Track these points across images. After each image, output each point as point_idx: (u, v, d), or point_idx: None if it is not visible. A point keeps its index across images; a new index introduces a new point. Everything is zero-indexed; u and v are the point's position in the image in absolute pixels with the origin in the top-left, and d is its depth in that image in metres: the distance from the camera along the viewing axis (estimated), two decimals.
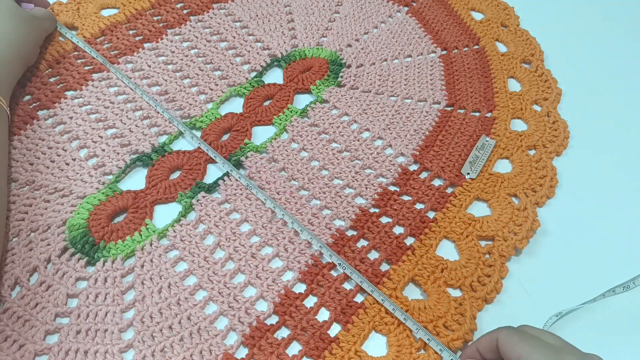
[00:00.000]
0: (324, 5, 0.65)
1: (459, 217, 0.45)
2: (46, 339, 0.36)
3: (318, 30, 0.62)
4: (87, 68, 0.54)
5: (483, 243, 0.44)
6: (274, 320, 0.38)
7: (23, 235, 0.41)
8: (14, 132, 0.48)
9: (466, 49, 0.61)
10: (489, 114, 0.54)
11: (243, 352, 0.37)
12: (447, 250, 0.43)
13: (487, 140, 0.51)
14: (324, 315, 0.39)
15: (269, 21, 0.62)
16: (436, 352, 0.37)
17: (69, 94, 0.52)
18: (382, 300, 0.39)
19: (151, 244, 0.42)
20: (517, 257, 0.43)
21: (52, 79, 0.53)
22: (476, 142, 0.51)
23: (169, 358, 0.36)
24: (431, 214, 0.45)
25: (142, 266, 0.40)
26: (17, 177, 0.45)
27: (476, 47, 0.61)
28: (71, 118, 0.49)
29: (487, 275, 0.41)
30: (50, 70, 0.53)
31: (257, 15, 0.62)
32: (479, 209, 0.46)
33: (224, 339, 0.37)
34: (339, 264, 0.41)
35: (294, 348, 0.37)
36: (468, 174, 0.48)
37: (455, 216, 0.45)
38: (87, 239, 0.41)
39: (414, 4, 0.67)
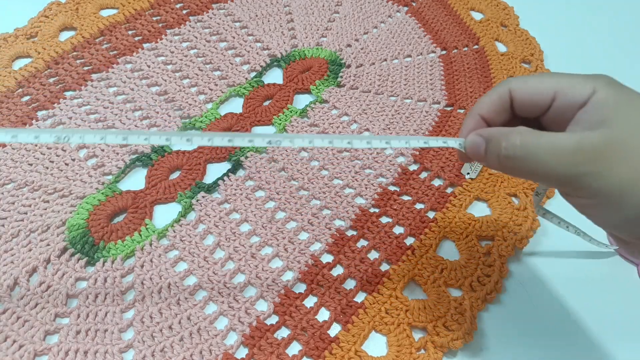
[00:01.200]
0: (323, 5, 0.65)
1: (459, 217, 0.45)
2: (46, 339, 0.36)
3: (318, 30, 0.62)
4: (86, 68, 0.54)
5: (483, 243, 0.44)
6: (274, 320, 0.38)
7: (22, 236, 0.41)
8: None
9: (466, 48, 0.61)
10: None
11: (243, 352, 0.37)
12: (447, 250, 0.43)
13: None
14: (324, 315, 0.39)
15: (268, 21, 0.62)
16: (436, 352, 0.37)
17: (68, 94, 0.52)
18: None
19: (151, 244, 0.41)
20: (517, 257, 0.43)
21: (51, 80, 0.53)
22: None
23: (169, 358, 0.36)
24: (431, 214, 0.45)
25: (142, 266, 0.40)
26: (16, 177, 0.45)
27: (476, 47, 0.61)
28: (70, 118, 0.49)
29: (487, 275, 0.41)
30: (49, 70, 0.53)
31: (256, 16, 0.62)
32: (479, 209, 0.46)
33: (224, 339, 0.37)
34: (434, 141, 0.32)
35: (294, 348, 0.37)
36: (468, 173, 0.48)
37: (455, 216, 0.45)
38: (87, 239, 0.41)
39: (414, 4, 0.67)
